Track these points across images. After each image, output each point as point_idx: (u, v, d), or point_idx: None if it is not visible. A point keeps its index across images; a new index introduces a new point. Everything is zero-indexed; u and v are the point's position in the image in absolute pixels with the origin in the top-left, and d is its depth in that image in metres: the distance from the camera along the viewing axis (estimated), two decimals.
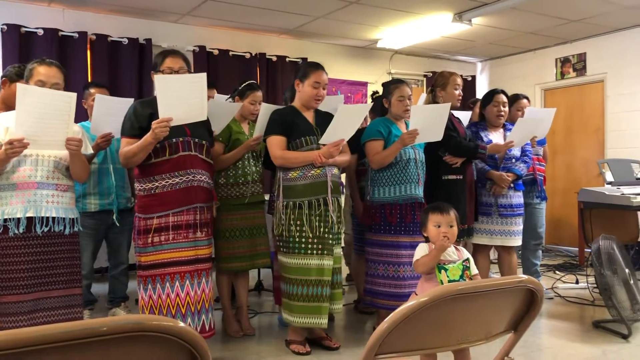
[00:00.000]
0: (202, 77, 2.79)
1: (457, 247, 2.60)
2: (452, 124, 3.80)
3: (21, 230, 2.61)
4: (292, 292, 3.22)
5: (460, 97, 3.95)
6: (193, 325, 2.87)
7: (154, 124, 2.76)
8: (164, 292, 2.88)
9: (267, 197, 3.96)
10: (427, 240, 2.60)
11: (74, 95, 2.63)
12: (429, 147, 3.68)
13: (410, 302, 1.12)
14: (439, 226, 2.52)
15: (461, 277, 2.43)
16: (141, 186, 2.95)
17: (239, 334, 3.63)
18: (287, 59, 6.83)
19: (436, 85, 3.90)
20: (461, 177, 3.80)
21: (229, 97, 3.90)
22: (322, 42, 7.10)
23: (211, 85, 4.14)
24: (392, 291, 3.44)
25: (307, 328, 3.35)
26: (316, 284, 3.18)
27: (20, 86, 2.50)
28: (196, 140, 2.99)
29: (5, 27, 5.32)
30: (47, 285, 2.71)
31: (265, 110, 3.50)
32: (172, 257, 2.89)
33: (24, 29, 5.40)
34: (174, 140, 2.89)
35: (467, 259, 2.50)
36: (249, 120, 3.77)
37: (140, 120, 2.89)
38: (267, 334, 3.76)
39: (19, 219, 2.61)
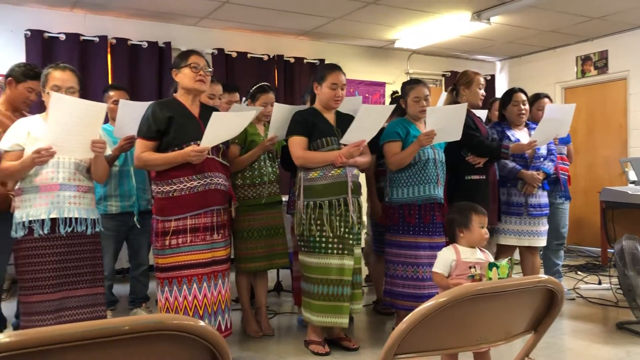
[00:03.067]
0: (252, 113, 3.09)
1: (482, 248, 2.61)
2: (474, 123, 3.77)
3: (46, 231, 2.66)
4: (312, 291, 3.22)
5: (483, 97, 3.93)
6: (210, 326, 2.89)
7: (192, 151, 2.81)
8: (181, 294, 2.90)
9: (285, 197, 3.97)
10: (448, 242, 2.59)
11: (104, 106, 2.75)
12: (451, 147, 3.65)
13: (429, 302, 1.12)
14: (483, 227, 2.56)
15: (507, 275, 2.43)
16: (158, 189, 2.96)
17: (258, 334, 3.65)
18: (305, 61, 6.84)
19: (460, 83, 3.88)
20: (484, 177, 3.78)
21: (245, 100, 3.93)
22: (340, 42, 7.11)
23: (233, 89, 4.18)
24: (411, 292, 3.43)
25: (327, 328, 3.36)
26: (336, 284, 3.18)
27: (54, 95, 2.56)
28: None
29: (29, 32, 5.42)
30: (72, 284, 2.76)
31: (278, 110, 3.51)
32: (189, 259, 2.91)
33: (46, 34, 5.49)
34: (191, 144, 2.90)
35: (510, 259, 2.50)
36: (264, 121, 3.79)
37: (158, 123, 2.91)
38: (286, 334, 3.77)
39: (43, 220, 2.66)
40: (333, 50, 7.01)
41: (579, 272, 5.67)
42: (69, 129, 2.60)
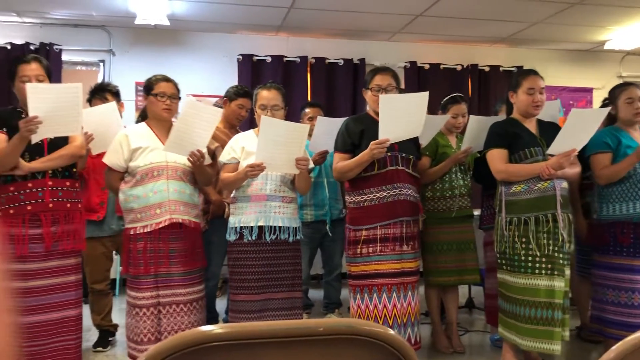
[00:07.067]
0: (424, 96, 2.90)
1: None
2: None
3: (254, 237, 2.95)
4: (519, 313, 2.99)
5: None
6: None
7: (372, 144, 2.88)
8: (372, 302, 2.98)
9: (477, 212, 3.84)
10: None
11: (307, 126, 2.99)
12: None
13: None
14: None
15: None
16: (351, 199, 3.09)
17: (448, 350, 3.57)
18: (501, 69, 6.58)
19: None
20: None
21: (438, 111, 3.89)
22: (540, 48, 6.69)
23: None
24: (624, 320, 3.07)
25: (523, 351, 3.16)
26: (546, 307, 2.91)
27: (264, 118, 2.84)
28: (403, 155, 3.05)
29: (240, 57, 6.05)
30: (274, 287, 3.00)
31: (473, 122, 3.42)
32: (379, 268, 2.98)
33: (255, 58, 6.08)
34: (382, 155, 2.97)
35: None
36: (455, 133, 3.71)
37: (352, 136, 3.05)
38: (478, 353, 3.63)
39: (252, 227, 2.95)
40: (532, 56, 6.62)
41: None
42: (277, 147, 2.86)
